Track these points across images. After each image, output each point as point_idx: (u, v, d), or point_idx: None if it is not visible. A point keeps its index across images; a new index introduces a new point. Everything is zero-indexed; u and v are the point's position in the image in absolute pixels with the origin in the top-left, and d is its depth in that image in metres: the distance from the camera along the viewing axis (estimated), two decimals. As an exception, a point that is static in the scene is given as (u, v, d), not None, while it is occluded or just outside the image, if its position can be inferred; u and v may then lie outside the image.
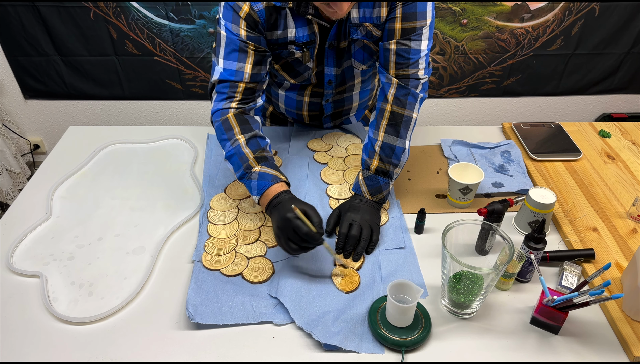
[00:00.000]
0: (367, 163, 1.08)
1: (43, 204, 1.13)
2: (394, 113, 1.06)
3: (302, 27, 1.05)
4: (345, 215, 1.03)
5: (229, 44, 1.02)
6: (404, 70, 1.05)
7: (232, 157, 1.02)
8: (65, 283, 0.94)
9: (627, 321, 0.85)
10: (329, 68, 1.15)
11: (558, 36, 2.15)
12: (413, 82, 1.06)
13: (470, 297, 0.84)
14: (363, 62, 1.16)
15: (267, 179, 0.97)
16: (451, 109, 2.40)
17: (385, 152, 1.06)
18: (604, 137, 1.37)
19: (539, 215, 1.00)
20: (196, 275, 0.94)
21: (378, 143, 1.07)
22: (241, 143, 1.01)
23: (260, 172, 0.98)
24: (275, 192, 0.95)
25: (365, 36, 1.08)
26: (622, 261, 0.97)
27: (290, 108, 1.30)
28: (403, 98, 1.05)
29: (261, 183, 0.97)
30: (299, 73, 1.15)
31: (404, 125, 1.06)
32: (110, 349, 0.82)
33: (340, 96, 1.25)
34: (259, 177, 0.98)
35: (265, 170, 0.99)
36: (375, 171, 1.07)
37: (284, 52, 1.09)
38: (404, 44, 1.04)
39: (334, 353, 0.82)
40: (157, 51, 2.12)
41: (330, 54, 1.12)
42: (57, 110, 2.32)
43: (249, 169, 0.99)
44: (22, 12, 1.98)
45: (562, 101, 2.40)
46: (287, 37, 1.06)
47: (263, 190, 0.96)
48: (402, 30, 1.03)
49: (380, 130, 1.07)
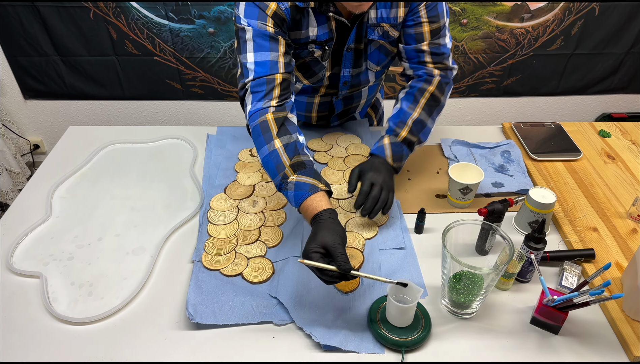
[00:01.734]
0: (395, 131, 1.12)
1: (43, 204, 1.13)
2: (434, 96, 1.14)
3: (322, 25, 1.06)
4: (367, 174, 1.06)
5: (258, 36, 0.99)
6: (442, 63, 1.15)
7: (268, 164, 0.97)
8: (65, 283, 0.94)
9: (627, 321, 0.85)
10: (346, 70, 1.16)
11: (558, 36, 2.15)
12: (450, 73, 1.17)
13: (470, 297, 0.84)
14: (378, 63, 1.17)
15: (304, 189, 0.92)
16: (451, 109, 2.40)
17: (417, 127, 1.13)
18: (604, 137, 1.37)
19: (539, 215, 1.00)
20: (196, 275, 0.94)
21: (413, 118, 1.12)
22: (277, 148, 0.96)
23: (296, 182, 0.93)
24: (317, 209, 0.89)
25: (382, 36, 1.10)
26: (622, 261, 0.97)
27: (299, 112, 1.30)
28: (444, 85, 1.16)
29: (298, 193, 0.92)
30: (314, 73, 1.16)
31: (439, 109, 1.16)
32: (110, 349, 0.82)
33: (350, 93, 1.26)
34: (296, 187, 0.93)
35: (301, 179, 0.93)
36: (403, 140, 1.12)
37: (304, 51, 1.09)
38: (435, 43, 1.12)
39: (334, 353, 0.82)
40: (157, 51, 2.12)
41: (348, 57, 1.13)
42: (57, 110, 2.32)
43: (285, 179, 0.94)
44: (22, 12, 1.98)
45: (562, 101, 2.40)
46: (309, 36, 1.06)
47: (300, 202, 0.92)
48: (431, 32, 1.10)
49: (419, 106, 1.13)
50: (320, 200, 0.90)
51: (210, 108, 2.33)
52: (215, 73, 2.19)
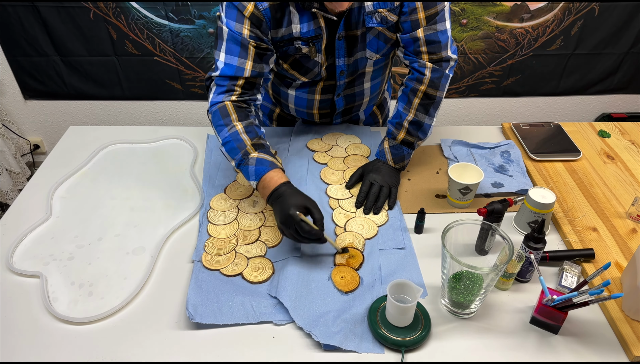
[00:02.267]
0: (393, 133, 1.17)
1: (43, 204, 1.13)
2: (427, 94, 1.13)
3: (308, 22, 1.05)
4: (368, 175, 1.15)
5: (230, 40, 1.03)
6: (437, 54, 1.11)
7: (229, 143, 1.02)
8: (65, 283, 0.94)
9: (627, 321, 0.85)
10: (340, 59, 1.15)
11: (558, 36, 2.15)
12: (445, 64, 1.12)
13: (470, 297, 0.84)
14: (377, 51, 1.16)
15: (265, 164, 0.99)
16: (451, 109, 2.40)
17: (414, 128, 1.15)
18: (604, 137, 1.37)
19: (539, 215, 1.01)
20: (196, 275, 0.94)
21: (408, 119, 1.15)
22: (238, 129, 1.02)
23: (257, 158, 1.00)
24: (276, 184, 0.97)
25: (380, 23, 1.09)
26: (622, 261, 0.97)
27: (300, 108, 1.30)
28: (437, 81, 1.12)
29: (259, 169, 0.98)
30: (309, 69, 1.16)
31: (435, 105, 1.15)
32: (110, 349, 0.82)
33: (351, 90, 1.25)
34: (257, 162, 0.99)
35: (262, 156, 1.00)
36: (401, 142, 1.16)
37: (291, 48, 1.09)
38: (431, 29, 1.08)
39: (334, 353, 0.82)
40: (157, 51, 2.12)
41: (341, 45, 1.12)
42: (57, 110, 2.32)
43: (247, 155, 1.00)
44: (22, 12, 1.99)
45: (562, 101, 2.40)
46: (292, 33, 1.06)
47: (261, 175, 0.98)
48: (427, 18, 1.07)
49: (413, 107, 1.14)
50: (282, 175, 0.99)
51: (210, 109, 2.33)
52: (215, 73, 2.19)
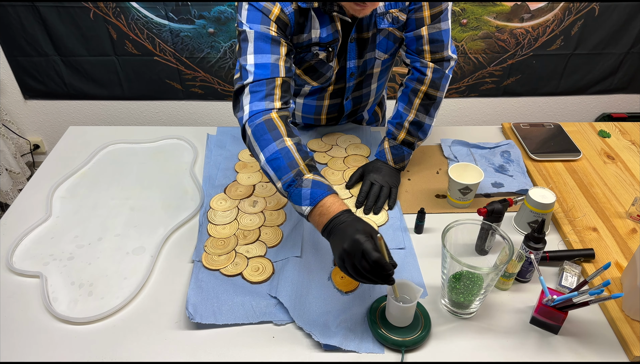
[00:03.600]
0: (394, 134, 1.18)
1: (43, 204, 1.13)
2: (428, 95, 1.13)
3: (326, 26, 1.04)
4: (368, 175, 1.15)
5: (259, 38, 0.96)
6: (439, 53, 1.11)
7: (277, 161, 0.89)
8: (65, 283, 0.94)
9: (627, 321, 0.85)
10: (351, 61, 1.15)
11: (558, 36, 2.15)
12: (446, 63, 1.13)
13: (470, 297, 0.84)
14: (386, 52, 1.16)
15: (323, 188, 0.86)
16: (451, 109, 2.40)
17: (414, 128, 1.16)
18: (604, 137, 1.37)
19: (539, 215, 1.01)
20: (196, 274, 0.94)
21: (409, 119, 1.15)
22: (289, 146, 0.90)
23: (313, 180, 0.87)
24: (337, 210, 0.84)
25: (392, 23, 1.09)
26: (622, 261, 0.97)
27: (308, 115, 1.30)
28: (438, 81, 1.13)
29: (315, 192, 0.86)
30: (322, 74, 1.15)
31: (435, 105, 1.15)
32: (110, 349, 0.82)
33: (359, 92, 1.25)
34: (313, 184, 0.87)
35: (318, 178, 0.88)
36: (401, 142, 1.17)
37: (308, 55, 1.08)
38: (435, 27, 1.09)
39: (334, 353, 0.82)
40: (157, 51, 2.12)
41: (352, 47, 1.12)
42: (57, 110, 2.32)
43: (300, 176, 0.88)
44: (22, 12, 1.99)
45: (562, 101, 2.40)
46: (312, 39, 1.05)
47: (317, 200, 0.85)
48: (432, 16, 1.07)
49: (413, 107, 1.15)
50: (342, 202, 0.86)
51: (210, 108, 2.33)
52: (215, 73, 2.19)
